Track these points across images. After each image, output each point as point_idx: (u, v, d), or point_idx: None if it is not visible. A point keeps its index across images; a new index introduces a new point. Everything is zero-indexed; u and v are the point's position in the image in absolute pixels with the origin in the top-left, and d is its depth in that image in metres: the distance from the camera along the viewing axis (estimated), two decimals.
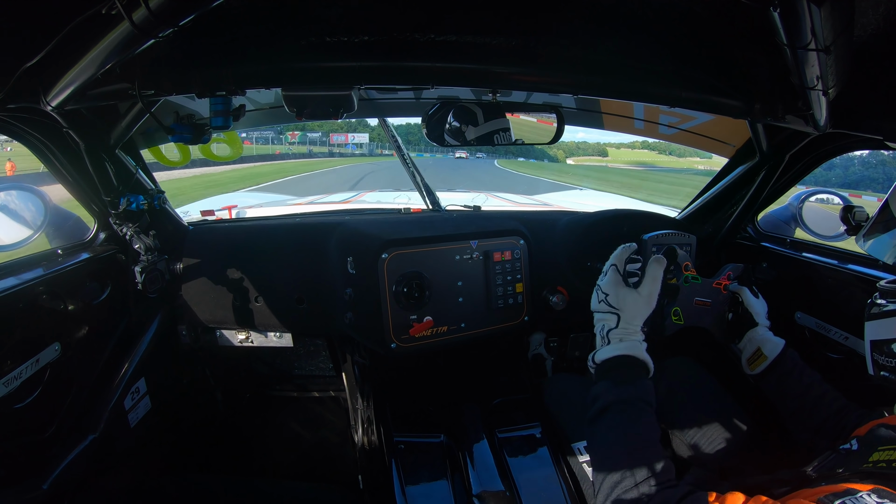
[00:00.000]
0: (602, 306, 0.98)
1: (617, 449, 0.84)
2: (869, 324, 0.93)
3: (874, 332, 0.91)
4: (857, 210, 1.28)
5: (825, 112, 0.97)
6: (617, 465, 0.81)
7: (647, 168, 54.57)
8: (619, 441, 0.84)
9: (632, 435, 0.85)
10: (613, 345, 0.95)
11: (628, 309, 0.96)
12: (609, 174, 45.14)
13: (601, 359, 0.96)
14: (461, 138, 1.24)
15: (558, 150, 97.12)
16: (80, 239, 1.39)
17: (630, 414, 0.87)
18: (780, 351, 1.12)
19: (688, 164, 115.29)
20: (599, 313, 1.00)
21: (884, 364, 0.88)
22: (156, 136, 1.58)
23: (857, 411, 1.00)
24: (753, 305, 1.19)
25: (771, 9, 0.62)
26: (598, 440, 0.88)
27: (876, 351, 0.90)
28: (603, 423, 0.88)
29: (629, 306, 0.96)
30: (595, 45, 1.02)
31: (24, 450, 1.14)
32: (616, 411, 0.87)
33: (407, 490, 1.29)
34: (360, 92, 1.09)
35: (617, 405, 0.87)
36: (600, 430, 0.88)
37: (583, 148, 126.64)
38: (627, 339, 0.95)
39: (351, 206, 2.81)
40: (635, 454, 0.81)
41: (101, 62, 0.76)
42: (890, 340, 0.87)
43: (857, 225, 1.28)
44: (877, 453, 0.72)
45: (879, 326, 0.90)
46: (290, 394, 2.21)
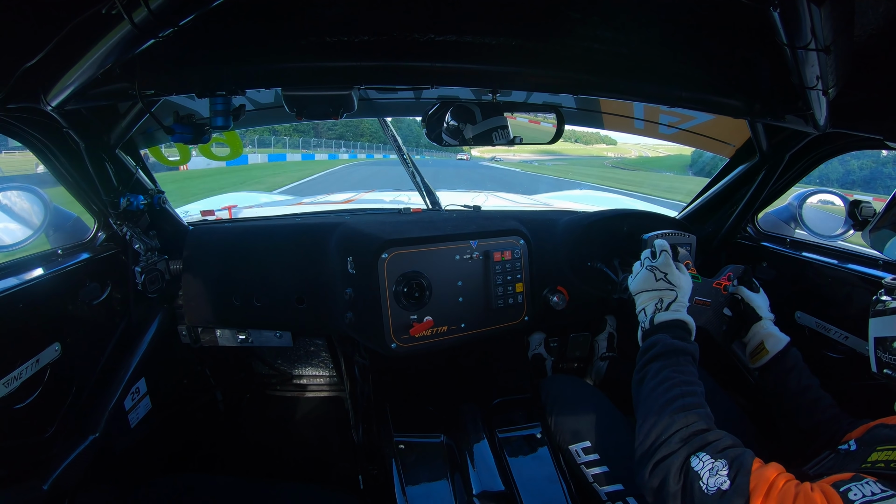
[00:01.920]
0: (661, 283, 1.09)
1: (672, 388, 0.89)
2: (873, 321, 0.93)
3: (878, 329, 0.92)
4: (864, 205, 1.28)
5: (825, 112, 0.97)
6: (671, 404, 0.86)
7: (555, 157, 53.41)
8: (675, 382, 0.91)
9: (686, 381, 0.91)
10: (673, 311, 1.05)
11: (684, 287, 1.09)
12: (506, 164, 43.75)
13: (662, 320, 1.04)
14: (459, 137, 1.24)
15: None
16: (80, 239, 1.39)
17: (685, 363, 0.95)
18: (783, 348, 1.12)
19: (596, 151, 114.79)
20: (655, 291, 1.09)
21: (887, 361, 0.89)
22: (156, 136, 1.58)
23: (849, 420, 1.00)
24: (754, 300, 1.19)
25: (771, 9, 0.62)
26: (653, 380, 0.94)
27: (879, 348, 0.91)
28: (658, 365, 0.95)
29: (685, 285, 1.09)
30: (595, 44, 1.02)
31: (24, 450, 1.14)
32: (673, 356, 0.96)
33: (407, 490, 1.29)
34: (359, 92, 1.09)
35: (675, 352, 0.96)
36: (655, 371, 0.95)
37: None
38: (682, 310, 1.06)
39: (351, 205, 2.81)
40: (687, 398, 0.87)
41: (101, 62, 0.76)
42: (893, 338, 0.88)
43: (864, 220, 1.28)
44: (875, 454, 0.72)
45: (883, 323, 0.91)
46: (290, 394, 2.21)
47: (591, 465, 1.31)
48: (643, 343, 1.04)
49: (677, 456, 0.80)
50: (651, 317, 1.06)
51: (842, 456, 0.80)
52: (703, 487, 0.73)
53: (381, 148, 59.27)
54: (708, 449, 0.78)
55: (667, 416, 0.85)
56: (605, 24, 0.98)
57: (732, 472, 0.72)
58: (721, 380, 1.45)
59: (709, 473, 0.74)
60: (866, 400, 0.99)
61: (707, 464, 0.75)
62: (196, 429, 1.93)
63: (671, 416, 0.85)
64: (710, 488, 0.72)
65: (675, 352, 0.96)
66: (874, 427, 0.82)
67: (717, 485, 0.72)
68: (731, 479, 0.72)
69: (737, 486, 0.71)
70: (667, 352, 0.97)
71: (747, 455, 0.76)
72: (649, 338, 1.02)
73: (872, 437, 0.80)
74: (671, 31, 1.00)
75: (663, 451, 0.82)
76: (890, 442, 0.74)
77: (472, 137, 1.26)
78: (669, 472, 0.79)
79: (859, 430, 0.85)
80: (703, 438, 0.81)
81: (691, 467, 0.77)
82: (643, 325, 1.08)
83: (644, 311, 1.09)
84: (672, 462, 0.80)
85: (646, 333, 1.05)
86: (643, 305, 1.10)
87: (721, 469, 0.73)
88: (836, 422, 1.01)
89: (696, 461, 0.77)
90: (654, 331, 1.04)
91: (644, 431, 0.88)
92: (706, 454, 0.77)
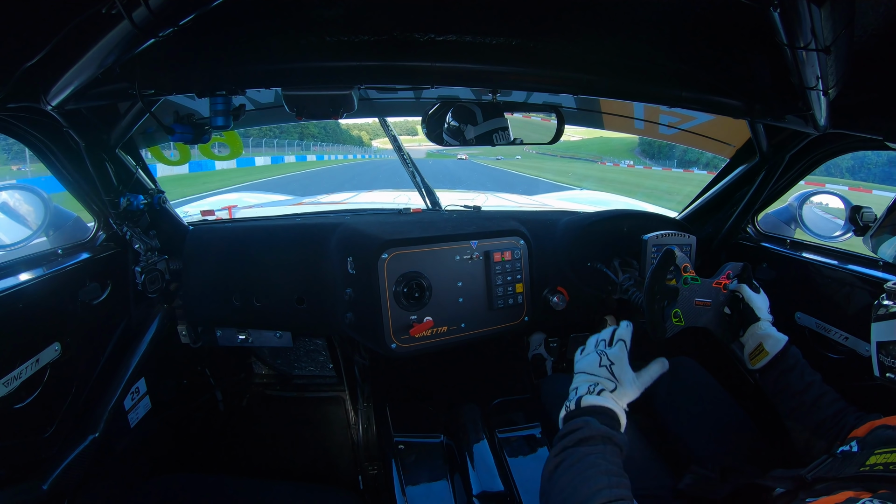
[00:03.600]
0: (603, 371, 0.97)
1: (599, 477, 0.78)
2: (875, 325, 0.92)
3: (880, 334, 0.91)
4: (864, 211, 1.28)
5: (825, 112, 0.97)
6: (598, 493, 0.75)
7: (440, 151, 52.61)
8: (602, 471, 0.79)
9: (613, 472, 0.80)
10: (604, 398, 0.93)
11: (626, 387, 0.96)
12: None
13: (589, 403, 0.92)
14: (460, 138, 1.24)
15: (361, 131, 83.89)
16: (80, 239, 1.39)
17: (612, 453, 0.84)
18: (782, 348, 1.12)
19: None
20: (595, 376, 0.98)
21: (890, 366, 0.88)
22: (156, 136, 1.58)
23: (856, 413, 0.99)
24: (754, 300, 1.18)
25: (771, 9, 0.62)
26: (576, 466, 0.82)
27: (882, 352, 0.90)
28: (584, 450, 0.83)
29: (628, 385, 0.96)
30: (595, 44, 1.02)
31: (24, 450, 1.14)
32: (600, 443, 0.84)
33: (407, 490, 1.29)
34: (359, 92, 1.09)
35: (603, 439, 0.85)
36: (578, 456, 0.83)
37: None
38: (618, 406, 0.93)
39: (351, 205, 2.81)
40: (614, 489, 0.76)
41: (101, 62, 0.76)
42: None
43: (865, 225, 1.28)
44: (874, 456, 0.71)
45: (886, 328, 0.90)
46: (290, 394, 2.21)
47: None
48: (564, 426, 0.91)
49: None
50: (579, 397, 0.94)
51: (840, 459, 0.80)
52: None
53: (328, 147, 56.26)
54: None
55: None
56: (605, 25, 0.98)
57: None
58: (722, 380, 1.45)
59: None
60: (867, 400, 0.99)
61: None
62: (196, 429, 1.93)
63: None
64: None
65: (605, 439, 0.84)
66: (877, 428, 0.81)
67: None
68: None
69: None
70: (594, 437, 0.84)
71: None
72: (572, 420, 0.90)
73: (873, 438, 0.79)
74: (671, 31, 1.00)
75: None
76: (889, 444, 0.73)
77: (473, 138, 1.26)
78: None
79: (864, 429, 0.84)
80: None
81: None
82: (568, 405, 0.95)
83: (575, 391, 0.97)
84: None
85: (569, 415, 0.93)
86: (576, 384, 0.98)
87: None
88: (842, 416, 1.00)
89: None
90: (578, 413, 0.91)
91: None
92: None
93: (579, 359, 1.04)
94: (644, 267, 1.56)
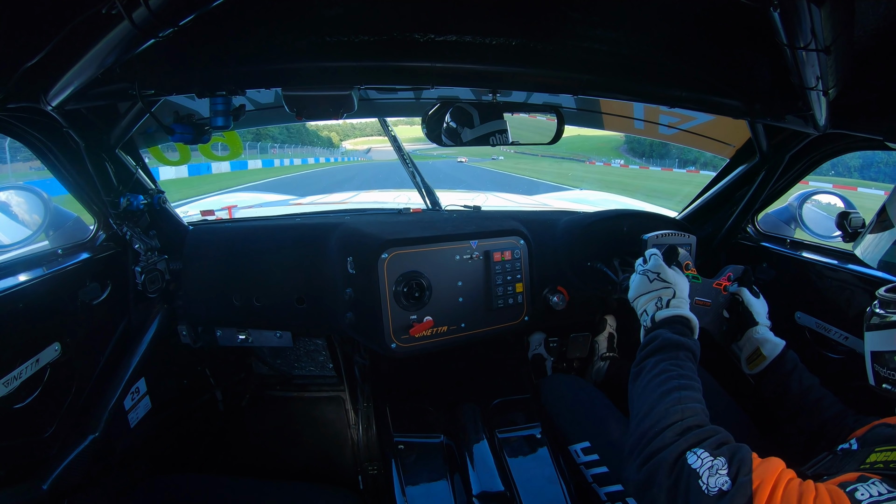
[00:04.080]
0: (656, 283, 1.08)
1: (668, 382, 0.87)
2: (869, 334, 0.91)
3: (875, 343, 0.90)
4: (853, 216, 1.27)
5: (825, 112, 0.97)
6: (667, 397, 0.83)
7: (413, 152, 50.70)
8: (672, 375, 0.88)
9: (684, 374, 0.88)
10: (674, 308, 1.04)
11: (680, 284, 1.08)
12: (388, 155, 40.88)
13: (663, 316, 1.03)
14: (457, 139, 1.24)
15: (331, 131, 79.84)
16: (80, 239, 1.39)
17: (684, 358, 0.93)
18: (780, 352, 1.12)
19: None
20: (652, 292, 1.08)
21: (886, 377, 0.87)
22: (156, 136, 1.58)
23: (854, 416, 0.99)
24: (753, 305, 1.18)
25: (771, 9, 0.62)
26: (649, 373, 0.91)
27: (877, 363, 0.89)
28: (656, 359, 0.93)
29: (681, 282, 1.08)
30: (595, 44, 1.02)
31: (24, 450, 1.14)
32: (672, 350, 0.94)
33: (407, 490, 1.29)
34: (359, 92, 1.09)
35: (674, 347, 0.94)
36: (651, 364, 0.92)
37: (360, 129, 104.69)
38: (683, 307, 1.05)
39: (351, 205, 2.81)
40: (683, 391, 0.84)
41: (101, 62, 0.76)
42: (892, 352, 0.86)
43: (854, 232, 1.27)
44: (874, 454, 0.71)
45: (880, 338, 0.89)
46: (290, 394, 2.20)
47: (591, 466, 1.31)
48: (643, 341, 1.02)
49: (672, 450, 0.75)
50: (652, 315, 1.05)
51: (840, 457, 0.80)
52: (703, 487, 0.68)
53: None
54: (705, 445, 0.74)
55: (661, 408, 0.81)
56: (605, 25, 0.97)
57: (733, 471, 0.68)
58: (722, 380, 1.45)
59: (708, 472, 0.69)
60: (867, 400, 0.99)
61: (706, 461, 0.71)
62: (196, 429, 1.93)
63: (666, 409, 0.81)
64: (710, 489, 0.68)
65: (675, 346, 0.94)
66: (876, 426, 0.81)
67: (718, 485, 0.68)
68: (732, 478, 0.68)
69: (739, 485, 0.66)
70: (665, 346, 0.95)
71: (746, 451, 0.72)
72: (650, 334, 1.01)
73: (873, 436, 0.79)
74: (671, 32, 1.00)
75: (657, 443, 0.77)
76: (889, 442, 0.73)
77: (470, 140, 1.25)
78: (661, 466, 0.74)
79: (864, 429, 0.84)
80: (699, 433, 0.76)
81: (688, 464, 0.72)
82: (645, 324, 1.07)
83: (645, 312, 1.08)
84: (665, 456, 0.75)
85: (647, 331, 1.05)
86: (644, 307, 1.09)
87: (721, 467, 0.69)
88: (841, 418, 1.00)
89: (693, 458, 0.72)
90: (654, 327, 1.02)
91: (636, 423, 0.84)
92: (703, 451, 0.72)
93: (631, 288, 1.14)
94: None
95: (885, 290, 0.91)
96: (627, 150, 55.67)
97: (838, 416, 1.01)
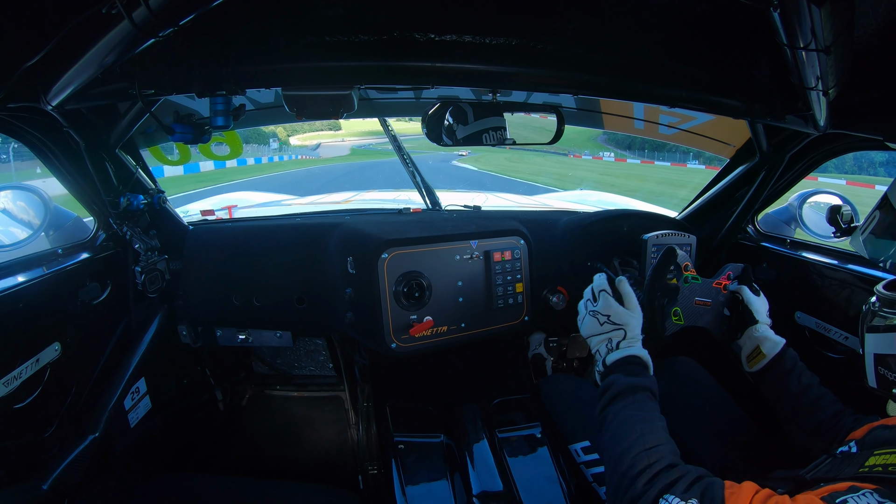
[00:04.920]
0: (606, 326, 1.07)
1: (632, 429, 0.87)
2: (872, 336, 0.89)
3: (879, 346, 0.88)
4: (844, 210, 1.27)
5: (825, 112, 0.97)
6: (632, 445, 0.84)
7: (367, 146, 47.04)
8: (635, 420, 0.89)
9: (645, 417, 0.89)
10: (624, 349, 1.03)
11: (631, 323, 1.06)
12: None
13: (614, 359, 1.02)
14: (453, 138, 1.24)
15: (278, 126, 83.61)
16: (80, 239, 1.39)
17: (642, 399, 0.93)
18: (780, 350, 1.12)
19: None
20: (603, 334, 1.07)
21: (893, 380, 0.86)
22: (156, 136, 1.58)
23: (853, 416, 0.99)
24: (753, 303, 1.18)
25: (771, 9, 0.62)
26: (612, 424, 0.92)
27: (882, 366, 0.88)
28: (616, 406, 0.93)
29: (630, 320, 1.06)
30: (595, 44, 1.02)
31: (24, 450, 1.14)
32: (629, 395, 0.94)
33: (407, 490, 1.29)
34: (359, 92, 1.09)
35: (630, 390, 0.94)
36: (613, 413, 0.93)
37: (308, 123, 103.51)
38: (634, 345, 1.04)
39: (351, 205, 2.81)
40: (647, 436, 0.85)
41: (101, 61, 0.76)
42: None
43: (848, 227, 1.27)
44: (873, 457, 0.71)
45: (885, 340, 0.87)
46: (290, 394, 2.21)
47: (591, 465, 1.31)
48: (600, 387, 1.01)
49: (645, 500, 0.77)
50: (604, 358, 1.05)
51: (839, 460, 0.79)
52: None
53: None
54: (674, 489, 0.75)
55: (630, 457, 0.83)
56: (605, 25, 0.98)
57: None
58: (722, 380, 1.45)
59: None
60: (866, 400, 0.99)
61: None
62: (196, 429, 1.93)
63: (633, 457, 0.82)
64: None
65: (631, 390, 0.94)
66: (874, 428, 0.81)
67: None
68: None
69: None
70: (622, 392, 0.94)
71: (717, 486, 0.73)
72: (605, 379, 1.00)
73: (872, 438, 0.79)
74: (671, 32, 1.00)
75: (630, 494, 0.79)
76: (888, 444, 0.73)
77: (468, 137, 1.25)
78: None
79: (862, 430, 0.84)
80: (668, 476, 0.78)
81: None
82: (598, 367, 1.06)
83: (598, 353, 1.07)
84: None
85: (602, 375, 1.03)
86: (596, 347, 1.08)
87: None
88: (839, 417, 1.00)
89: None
90: (608, 372, 1.02)
91: (609, 473, 0.86)
92: (673, 496, 0.74)
93: (582, 327, 1.14)
94: (644, 266, 1.56)
95: (884, 287, 0.90)
96: (606, 141, 52.95)
97: (837, 415, 1.01)
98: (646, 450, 0.83)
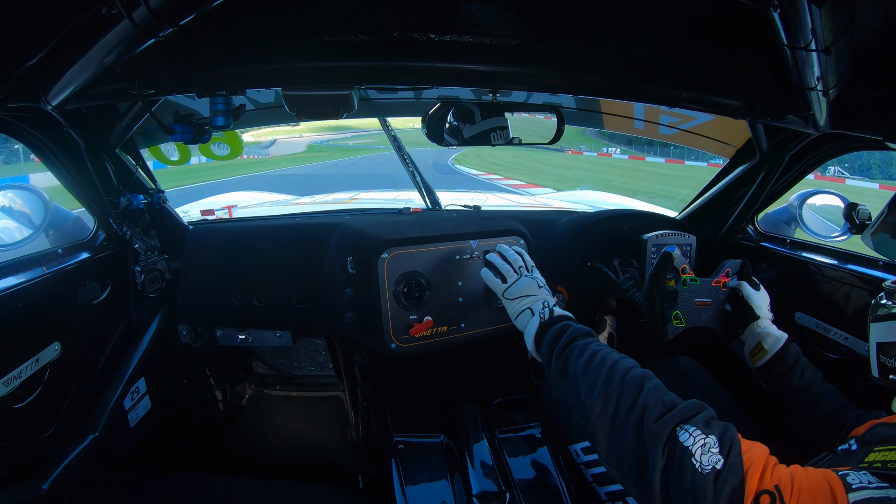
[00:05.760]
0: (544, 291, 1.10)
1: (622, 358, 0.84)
2: (875, 325, 0.91)
3: (881, 335, 0.90)
4: (860, 208, 1.27)
5: (825, 112, 0.97)
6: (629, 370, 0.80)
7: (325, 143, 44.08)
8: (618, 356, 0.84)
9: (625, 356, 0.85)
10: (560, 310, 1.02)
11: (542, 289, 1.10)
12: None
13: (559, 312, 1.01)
14: (459, 137, 1.24)
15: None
16: (80, 238, 1.39)
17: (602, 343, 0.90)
18: (782, 346, 1.12)
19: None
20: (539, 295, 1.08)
21: (893, 367, 0.87)
22: (156, 136, 1.58)
23: (856, 411, 0.99)
24: (753, 298, 1.18)
25: (771, 9, 0.62)
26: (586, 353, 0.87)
27: (883, 353, 0.89)
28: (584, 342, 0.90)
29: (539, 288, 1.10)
30: (595, 44, 1.02)
31: (24, 450, 1.14)
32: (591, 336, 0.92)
33: (407, 490, 1.29)
34: (359, 92, 1.09)
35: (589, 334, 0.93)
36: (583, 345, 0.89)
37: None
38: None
39: (351, 205, 2.81)
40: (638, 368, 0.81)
41: (101, 61, 0.76)
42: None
43: (862, 223, 1.27)
44: (873, 454, 0.71)
45: (887, 328, 0.89)
46: (290, 393, 2.21)
47: (591, 465, 1.31)
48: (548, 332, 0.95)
49: (664, 423, 0.70)
50: (551, 308, 1.00)
51: (840, 456, 0.80)
52: (697, 465, 0.65)
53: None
54: (695, 421, 0.69)
55: (634, 383, 0.76)
56: (605, 25, 0.98)
57: (725, 449, 0.65)
58: (722, 380, 1.45)
59: (701, 450, 0.66)
60: (866, 400, 0.99)
61: (698, 439, 0.67)
62: (196, 428, 1.93)
63: (638, 382, 0.76)
64: (704, 467, 0.64)
65: (588, 334, 0.92)
66: (875, 426, 0.81)
67: (712, 463, 0.64)
68: (725, 456, 0.65)
69: (731, 465, 0.64)
70: (584, 332, 0.91)
71: (734, 430, 0.69)
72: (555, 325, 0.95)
73: (872, 436, 0.79)
74: (671, 32, 1.00)
75: (646, 419, 0.72)
76: (888, 441, 0.73)
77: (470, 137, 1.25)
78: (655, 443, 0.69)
79: (863, 427, 0.84)
80: (686, 408, 0.72)
81: (679, 441, 0.68)
82: (541, 316, 0.99)
83: (530, 310, 1.03)
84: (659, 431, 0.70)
85: (548, 323, 0.97)
86: (527, 304, 1.05)
87: (712, 446, 0.66)
88: (842, 413, 1.00)
89: (685, 435, 0.68)
90: (555, 321, 0.97)
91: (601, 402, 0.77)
92: (694, 427, 0.68)
93: (517, 288, 1.11)
94: (644, 266, 1.56)
95: (893, 282, 0.91)
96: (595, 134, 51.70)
97: (840, 411, 1.01)
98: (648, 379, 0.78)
